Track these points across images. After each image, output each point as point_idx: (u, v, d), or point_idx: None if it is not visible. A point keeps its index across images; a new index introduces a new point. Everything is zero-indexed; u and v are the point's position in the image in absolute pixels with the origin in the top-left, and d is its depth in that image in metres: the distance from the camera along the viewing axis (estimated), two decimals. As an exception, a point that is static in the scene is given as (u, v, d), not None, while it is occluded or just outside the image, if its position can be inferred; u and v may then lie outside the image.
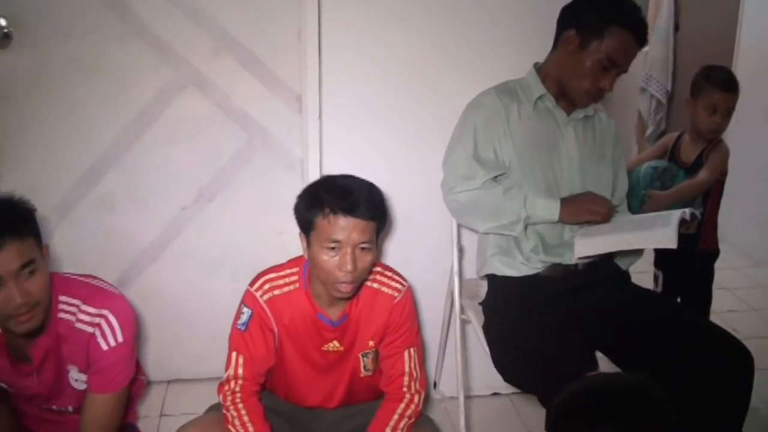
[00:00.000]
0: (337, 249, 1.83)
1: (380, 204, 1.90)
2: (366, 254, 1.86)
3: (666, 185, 2.62)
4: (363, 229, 1.82)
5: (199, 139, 2.46)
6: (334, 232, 1.82)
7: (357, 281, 1.88)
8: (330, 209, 1.82)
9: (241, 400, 1.96)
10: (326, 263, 1.84)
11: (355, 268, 1.83)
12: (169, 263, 2.58)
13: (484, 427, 2.53)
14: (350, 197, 1.82)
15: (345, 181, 1.93)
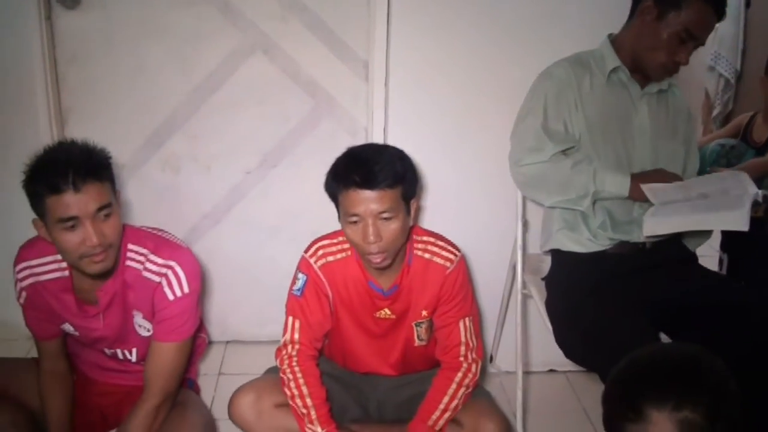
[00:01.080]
0: (358, 221, 1.83)
1: (400, 170, 1.86)
2: (390, 223, 1.84)
3: (732, 163, 2.55)
4: (381, 198, 1.81)
5: (265, 105, 2.47)
6: (352, 206, 1.82)
7: (388, 251, 1.86)
8: (344, 184, 1.82)
9: (297, 363, 1.99)
10: (352, 236, 1.86)
11: (379, 238, 1.82)
12: (231, 227, 2.61)
13: (539, 403, 2.52)
14: (362, 170, 1.81)
15: (361, 152, 1.92)
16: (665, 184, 1.99)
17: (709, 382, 0.93)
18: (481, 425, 1.98)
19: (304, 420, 1.95)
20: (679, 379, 0.94)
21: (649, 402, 0.93)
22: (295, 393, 1.97)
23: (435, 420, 1.98)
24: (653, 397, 0.93)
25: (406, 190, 1.88)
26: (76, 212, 1.63)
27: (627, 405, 0.96)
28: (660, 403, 0.93)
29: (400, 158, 1.90)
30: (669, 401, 0.92)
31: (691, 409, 0.91)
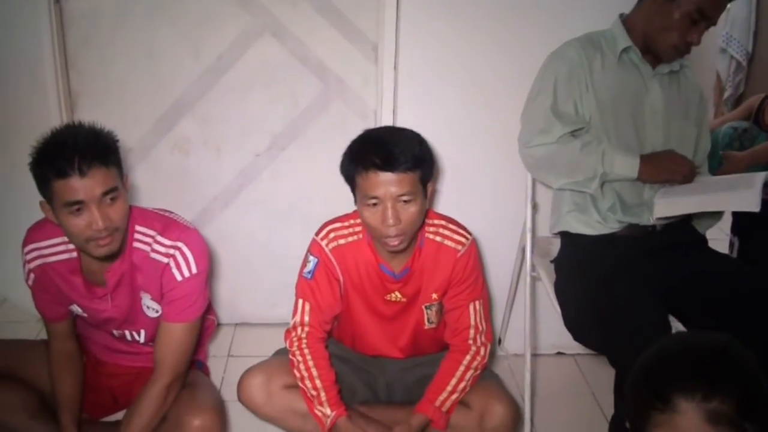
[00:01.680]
0: (377, 204, 1.82)
1: (420, 153, 1.86)
2: (409, 206, 1.84)
3: (745, 146, 2.54)
4: (401, 181, 1.80)
5: (274, 88, 2.47)
6: (371, 189, 1.81)
7: (405, 234, 1.86)
8: (363, 166, 1.81)
9: (307, 345, 1.99)
10: (370, 219, 1.85)
11: (398, 221, 1.82)
12: (241, 209, 2.62)
13: (547, 385, 2.53)
14: (383, 152, 1.80)
15: (380, 134, 1.91)
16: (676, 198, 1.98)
17: (741, 374, 0.92)
18: (490, 407, 1.98)
19: (314, 402, 1.96)
20: (710, 369, 0.92)
21: (678, 391, 0.92)
22: (305, 375, 1.97)
23: (442, 401, 1.98)
24: (682, 386, 0.92)
25: (425, 174, 1.88)
26: (82, 196, 1.64)
27: (654, 393, 0.94)
28: (689, 392, 0.91)
29: (419, 141, 1.90)
30: (699, 391, 0.90)
31: (720, 400, 0.89)
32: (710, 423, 0.89)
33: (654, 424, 0.94)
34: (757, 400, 0.91)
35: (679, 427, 0.91)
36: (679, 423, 0.91)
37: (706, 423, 0.89)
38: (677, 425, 0.91)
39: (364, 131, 1.93)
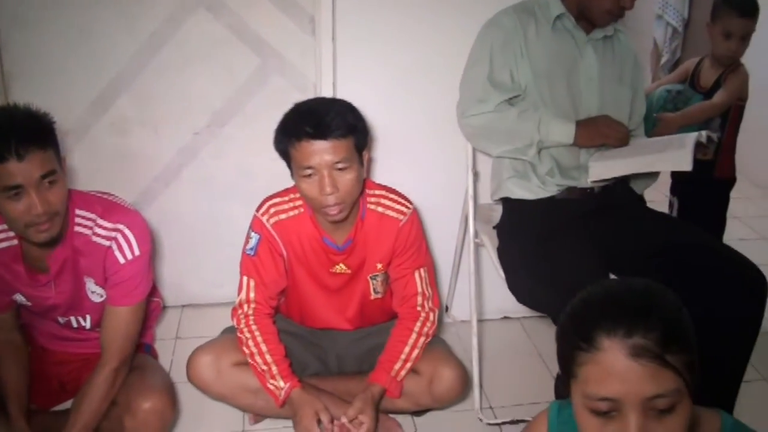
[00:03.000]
0: (313, 175, 1.82)
1: (351, 120, 1.87)
2: (346, 173, 1.84)
3: (678, 108, 2.59)
4: (335, 149, 1.81)
5: (210, 63, 2.43)
6: (305, 159, 1.81)
7: (345, 202, 1.87)
8: (296, 137, 1.81)
9: (254, 322, 2.00)
10: (307, 190, 1.85)
11: (336, 189, 1.82)
12: (182, 189, 2.58)
13: (495, 349, 2.57)
14: (313, 120, 1.81)
15: (310, 105, 1.91)
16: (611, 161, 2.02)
17: (660, 310, 0.94)
18: (438, 372, 2.02)
19: (266, 376, 1.97)
20: (631, 307, 0.94)
21: (600, 329, 0.94)
22: (254, 351, 1.98)
23: (397, 370, 2.01)
24: (604, 324, 0.94)
25: (359, 141, 1.88)
26: (20, 180, 1.60)
27: (579, 334, 0.96)
28: (611, 329, 0.93)
29: (350, 109, 1.90)
30: (620, 328, 0.92)
31: (641, 335, 0.91)
32: (632, 357, 0.91)
33: (579, 363, 0.96)
34: (678, 334, 0.94)
35: (602, 364, 0.93)
36: (602, 360, 0.93)
37: (628, 358, 0.92)
38: (601, 362, 0.93)
39: (294, 104, 1.93)
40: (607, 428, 0.96)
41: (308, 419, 1.92)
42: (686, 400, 0.95)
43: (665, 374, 0.92)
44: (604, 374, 0.93)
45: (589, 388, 0.95)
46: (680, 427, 0.95)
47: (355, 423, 1.92)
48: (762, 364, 2.53)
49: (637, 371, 0.92)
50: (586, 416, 0.98)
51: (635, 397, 0.92)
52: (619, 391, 0.93)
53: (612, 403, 0.94)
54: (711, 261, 1.91)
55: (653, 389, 0.92)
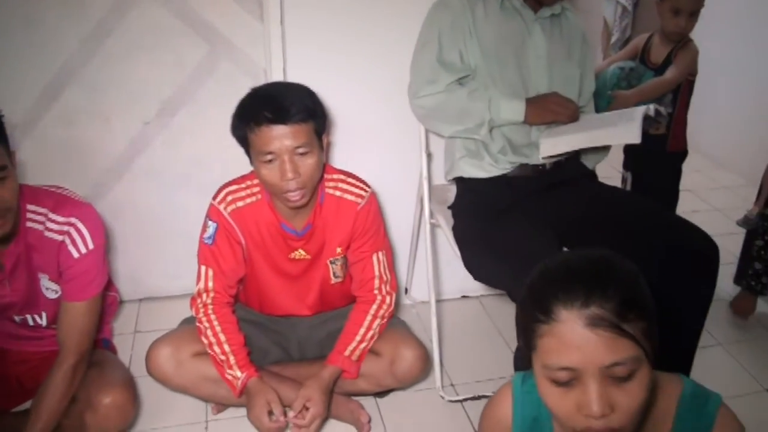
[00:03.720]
0: (273, 160, 1.81)
1: (311, 104, 1.86)
2: (307, 158, 1.84)
3: (632, 85, 2.62)
4: (295, 133, 1.80)
5: (158, 51, 2.38)
6: (265, 144, 1.80)
7: (306, 187, 1.86)
8: (255, 122, 1.79)
9: (213, 311, 1.99)
10: (268, 176, 1.84)
11: (297, 174, 1.82)
12: (135, 180, 2.54)
13: (454, 328, 2.60)
14: (273, 105, 1.79)
15: (268, 89, 1.90)
16: (560, 136, 2.03)
17: (617, 280, 0.96)
18: (399, 352, 2.04)
19: (224, 366, 1.96)
20: (587, 278, 0.96)
21: (558, 301, 0.95)
22: (213, 341, 1.97)
23: (352, 350, 2.02)
24: (561, 296, 0.95)
25: (318, 125, 1.87)
26: None
27: (537, 307, 0.98)
28: (568, 301, 0.95)
29: (309, 93, 1.89)
30: (577, 299, 0.94)
31: (598, 305, 0.93)
32: (589, 327, 0.93)
33: (539, 335, 0.98)
34: (635, 303, 0.96)
35: (561, 335, 0.95)
36: (560, 331, 0.95)
37: (585, 328, 0.93)
38: (559, 333, 0.95)
39: (251, 89, 1.91)
40: (568, 397, 0.98)
41: (259, 409, 1.92)
42: (645, 367, 0.97)
43: (622, 342, 0.94)
44: (562, 345, 0.95)
45: (549, 359, 0.97)
46: (640, 392, 0.97)
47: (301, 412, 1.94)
48: (717, 330, 2.62)
49: (595, 341, 0.93)
50: (547, 386, 1.00)
51: (593, 365, 0.94)
52: (577, 360, 0.95)
53: (571, 372, 0.96)
54: (663, 231, 1.94)
55: (611, 357, 0.94)
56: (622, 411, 0.96)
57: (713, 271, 1.91)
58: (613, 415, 0.96)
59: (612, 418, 0.96)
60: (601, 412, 0.94)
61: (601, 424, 0.96)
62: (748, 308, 2.72)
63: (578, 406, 0.96)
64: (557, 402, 0.99)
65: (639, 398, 0.97)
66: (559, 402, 0.99)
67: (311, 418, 1.93)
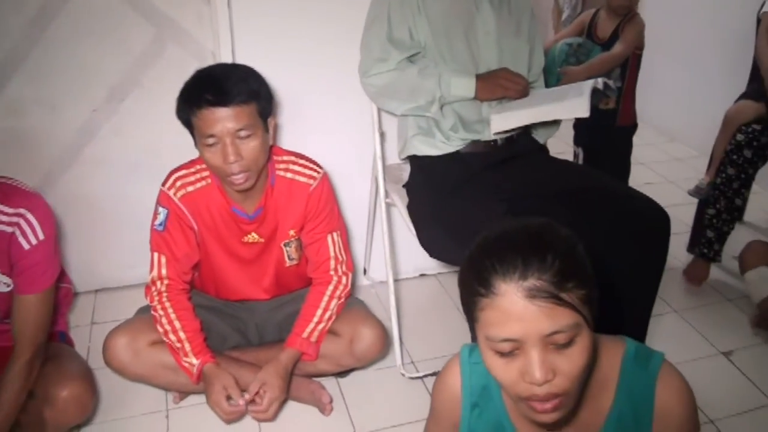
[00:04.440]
0: (216, 143, 1.80)
1: (256, 86, 1.84)
2: (249, 141, 1.82)
3: (581, 61, 2.65)
4: (237, 116, 1.78)
5: (104, 35, 2.34)
6: (207, 127, 1.78)
7: (250, 170, 1.85)
8: (197, 105, 1.77)
9: (167, 299, 1.97)
10: (211, 159, 1.82)
11: (239, 157, 1.80)
12: (85, 170, 2.50)
13: (413, 306, 2.61)
14: (214, 87, 1.78)
15: (210, 71, 1.88)
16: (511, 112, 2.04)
17: (554, 250, 0.96)
18: (358, 332, 2.05)
19: (180, 354, 1.95)
20: (524, 250, 0.96)
21: (496, 274, 0.96)
22: (168, 328, 1.95)
23: (310, 332, 2.02)
24: (500, 269, 0.96)
25: (262, 107, 1.86)
26: None
27: (477, 281, 0.98)
28: (506, 274, 0.95)
29: (252, 74, 1.87)
30: (515, 272, 0.95)
31: (536, 276, 0.94)
32: (528, 299, 0.94)
33: (480, 308, 0.99)
34: (573, 271, 0.97)
35: (501, 308, 0.96)
36: (500, 303, 0.96)
37: (524, 300, 0.94)
38: (499, 306, 0.96)
39: (196, 71, 1.88)
40: (511, 366, 0.99)
41: (217, 394, 1.91)
42: (585, 332, 0.98)
43: (561, 311, 0.95)
44: (502, 317, 0.96)
45: (491, 331, 0.98)
46: (581, 357, 0.98)
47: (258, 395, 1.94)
48: (672, 298, 2.67)
49: (534, 312, 0.94)
50: (490, 357, 1.01)
51: (534, 335, 0.95)
52: (518, 331, 0.96)
53: (513, 343, 0.97)
54: (614, 202, 1.97)
55: (551, 326, 0.95)
56: (564, 376, 0.98)
57: (665, 240, 1.94)
58: (556, 381, 0.98)
59: (554, 383, 0.98)
60: (544, 379, 0.96)
61: (544, 390, 0.98)
62: (701, 275, 2.77)
63: (521, 374, 0.98)
64: (501, 371, 1.01)
65: (580, 363, 0.98)
66: (504, 371, 1.00)
67: (268, 402, 1.92)
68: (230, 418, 1.93)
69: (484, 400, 1.20)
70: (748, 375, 2.28)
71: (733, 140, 2.67)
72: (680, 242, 2.94)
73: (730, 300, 2.70)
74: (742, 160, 2.64)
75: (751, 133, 2.64)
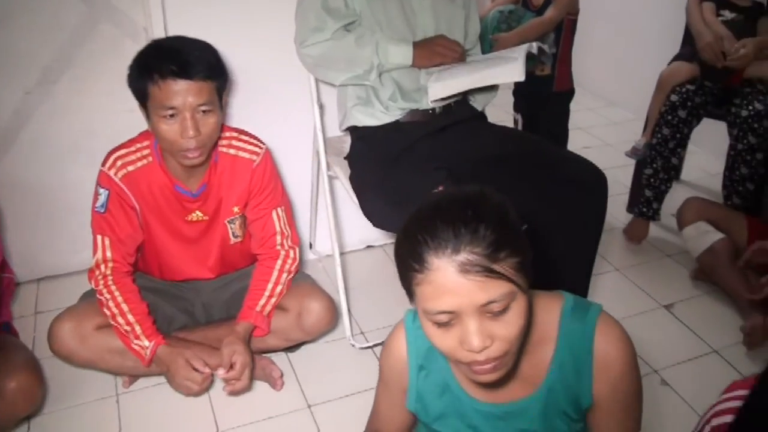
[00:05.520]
0: (175, 116, 1.77)
1: (215, 62, 1.83)
2: (208, 117, 1.81)
3: (512, 27, 2.66)
4: (199, 90, 1.77)
5: (34, 15, 2.26)
6: (168, 99, 1.75)
7: (205, 146, 1.84)
8: (159, 74, 1.74)
9: (113, 282, 1.94)
10: (167, 133, 1.79)
11: (198, 132, 1.79)
12: (21, 154, 2.43)
13: (360, 278, 2.62)
14: (180, 58, 1.75)
15: (173, 42, 1.85)
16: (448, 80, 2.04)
17: (485, 221, 0.97)
18: (306, 305, 2.06)
19: (129, 337, 1.93)
20: (456, 223, 0.97)
21: (430, 250, 0.97)
22: (116, 312, 1.93)
23: (262, 306, 2.02)
24: (432, 245, 0.96)
25: (221, 84, 1.85)
26: None
27: (411, 257, 0.99)
28: (439, 249, 0.96)
29: (212, 51, 1.86)
30: (447, 247, 0.96)
31: (469, 250, 0.95)
32: (462, 273, 0.96)
33: (415, 284, 1.00)
34: (505, 241, 0.98)
35: (435, 283, 0.97)
36: (434, 278, 0.97)
37: (459, 274, 0.96)
38: (433, 281, 0.97)
39: (152, 41, 1.86)
40: (450, 335, 1.01)
41: (183, 370, 1.91)
42: (520, 297, 1.00)
43: (495, 283, 0.97)
44: (437, 291, 0.98)
45: (427, 305, 1.00)
46: (517, 321, 1.01)
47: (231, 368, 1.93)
48: (613, 256, 2.74)
49: (468, 285, 0.96)
50: (429, 328, 1.03)
51: (469, 307, 0.97)
52: (453, 304, 0.98)
53: (449, 314, 0.99)
54: (552, 164, 2.00)
55: (485, 298, 0.97)
56: (502, 340, 1.00)
57: (602, 198, 1.98)
58: (494, 346, 1.00)
59: (492, 348, 1.00)
60: (482, 346, 0.99)
61: (483, 356, 1.00)
62: (641, 233, 2.84)
63: (460, 342, 1.00)
64: (441, 341, 1.03)
65: (516, 326, 1.01)
66: (443, 340, 1.03)
67: (242, 368, 1.93)
68: (201, 387, 1.94)
69: (429, 362, 1.22)
70: (689, 325, 2.37)
71: (667, 101, 2.72)
72: (620, 203, 3.01)
73: (670, 256, 2.78)
74: (677, 120, 2.70)
75: (685, 94, 2.70)
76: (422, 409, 1.25)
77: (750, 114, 2.58)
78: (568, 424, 1.17)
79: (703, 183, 3.38)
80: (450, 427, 1.23)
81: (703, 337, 2.31)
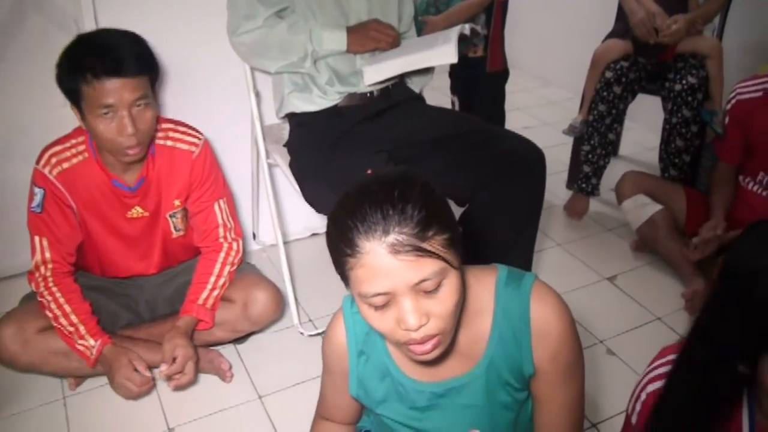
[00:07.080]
0: (112, 114, 1.74)
1: (148, 55, 1.80)
2: (145, 111, 1.78)
3: (440, 10, 2.68)
4: (134, 86, 1.74)
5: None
6: (103, 97, 1.72)
7: (143, 142, 1.81)
8: (92, 73, 1.70)
9: (54, 283, 1.91)
10: (105, 132, 1.76)
11: (136, 129, 1.76)
12: (-50, 155, 2.36)
13: (306, 266, 2.61)
14: (112, 55, 1.71)
15: (102, 37, 1.80)
16: (382, 63, 2.04)
17: (413, 201, 0.98)
18: (251, 296, 2.05)
19: (73, 337, 1.90)
20: (383, 206, 0.97)
21: (360, 233, 0.97)
22: (58, 313, 1.89)
23: (205, 299, 2.00)
24: (362, 229, 0.97)
25: (153, 77, 1.82)
26: None
27: (343, 242, 1.00)
28: (368, 232, 0.97)
29: (142, 42, 1.81)
30: (376, 230, 0.96)
31: (397, 231, 0.96)
32: (393, 255, 0.97)
33: (349, 268, 1.01)
34: (432, 220, 0.99)
35: (367, 266, 0.98)
36: (367, 262, 0.98)
37: (389, 256, 0.97)
38: (366, 264, 0.98)
39: (77, 36, 1.80)
40: (387, 316, 1.02)
41: (124, 370, 1.88)
42: (452, 273, 1.02)
43: (425, 261, 0.98)
44: (370, 274, 0.98)
45: (362, 288, 1.00)
46: (451, 297, 1.02)
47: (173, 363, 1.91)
48: (555, 233, 2.79)
49: (399, 266, 0.97)
50: (366, 311, 1.04)
51: (402, 286, 0.98)
52: (386, 285, 0.98)
53: (384, 296, 1.00)
54: (489, 143, 2.02)
55: (417, 276, 0.98)
56: (438, 317, 1.02)
57: (540, 174, 2.01)
58: (430, 324, 1.01)
59: (429, 326, 1.01)
60: (418, 324, 1.00)
61: (420, 333, 1.01)
62: (581, 209, 2.90)
63: (397, 321, 1.01)
64: (378, 322, 1.04)
65: (451, 302, 1.02)
66: (380, 322, 1.04)
67: (183, 361, 1.91)
68: (141, 390, 1.91)
69: (368, 347, 1.23)
70: (632, 295, 2.43)
71: (602, 78, 2.77)
72: (560, 180, 3.06)
73: (611, 230, 2.84)
74: (612, 96, 2.75)
75: (620, 70, 2.75)
76: (364, 394, 1.26)
77: (684, 88, 2.65)
78: (511, 394, 1.19)
79: (641, 157, 3.46)
80: (393, 410, 1.24)
81: (646, 306, 2.37)
